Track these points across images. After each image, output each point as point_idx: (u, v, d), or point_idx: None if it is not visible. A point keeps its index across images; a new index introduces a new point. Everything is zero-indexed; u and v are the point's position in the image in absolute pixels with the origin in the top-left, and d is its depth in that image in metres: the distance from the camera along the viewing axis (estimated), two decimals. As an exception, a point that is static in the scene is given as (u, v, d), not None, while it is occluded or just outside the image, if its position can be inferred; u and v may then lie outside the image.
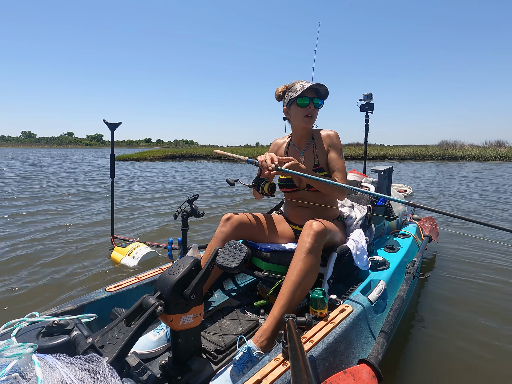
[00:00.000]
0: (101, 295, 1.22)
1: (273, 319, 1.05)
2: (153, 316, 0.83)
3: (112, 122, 2.46)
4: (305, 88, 1.36)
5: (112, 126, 2.47)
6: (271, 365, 0.81)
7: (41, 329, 0.92)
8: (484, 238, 3.12)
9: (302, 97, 1.39)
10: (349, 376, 0.84)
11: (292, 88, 1.44)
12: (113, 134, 2.51)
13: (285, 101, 1.49)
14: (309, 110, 1.40)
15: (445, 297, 1.99)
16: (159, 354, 1.17)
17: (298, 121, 1.45)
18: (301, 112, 1.41)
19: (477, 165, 14.73)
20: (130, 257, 2.53)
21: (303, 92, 1.37)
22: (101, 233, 3.55)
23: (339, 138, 1.49)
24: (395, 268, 1.51)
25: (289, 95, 1.44)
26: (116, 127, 2.49)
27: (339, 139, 1.49)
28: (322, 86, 1.38)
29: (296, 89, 1.40)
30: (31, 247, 3.05)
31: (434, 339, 1.57)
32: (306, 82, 1.41)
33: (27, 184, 8.05)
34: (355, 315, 1.07)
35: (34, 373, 0.63)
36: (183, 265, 0.92)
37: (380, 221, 2.00)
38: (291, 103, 1.43)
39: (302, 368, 0.62)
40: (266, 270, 1.42)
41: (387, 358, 1.35)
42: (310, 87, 1.37)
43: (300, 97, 1.39)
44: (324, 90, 1.40)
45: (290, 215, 1.58)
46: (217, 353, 1.14)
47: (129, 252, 2.56)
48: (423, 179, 9.19)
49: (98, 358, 0.68)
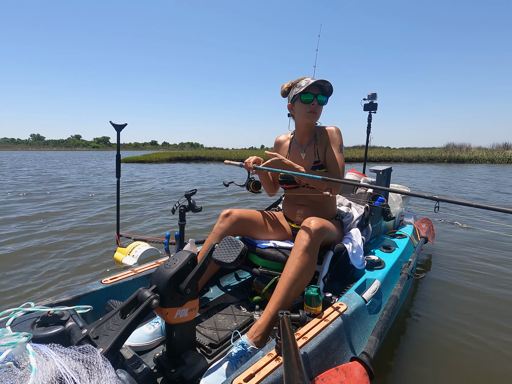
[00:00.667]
0: (97, 287, 1.23)
1: (268, 315, 1.06)
2: (148, 309, 0.84)
3: (118, 123, 2.52)
4: (309, 84, 1.35)
5: (118, 127, 2.53)
6: (264, 360, 0.82)
7: (36, 319, 0.92)
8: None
9: (306, 93, 1.38)
10: (341, 373, 0.85)
11: (297, 84, 1.43)
12: (119, 135, 2.59)
13: (289, 97, 1.48)
14: (312, 107, 1.40)
15: (439, 298, 2.01)
16: (153, 347, 1.18)
17: (301, 117, 1.44)
18: (304, 108, 1.41)
19: (486, 168, 14.53)
20: (130, 256, 2.59)
21: (307, 88, 1.36)
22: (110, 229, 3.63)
23: (340, 134, 1.48)
24: (391, 268, 1.52)
25: (293, 91, 1.43)
26: (122, 128, 2.56)
27: (340, 134, 1.48)
28: (327, 82, 1.37)
29: (300, 85, 1.39)
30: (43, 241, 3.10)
31: (427, 338, 1.59)
32: (311, 79, 1.40)
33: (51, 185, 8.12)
34: (349, 313, 1.08)
35: (28, 362, 0.63)
36: (179, 259, 0.92)
37: (377, 221, 2.01)
38: (295, 99, 1.43)
39: (294, 364, 0.63)
40: (262, 266, 1.42)
41: (379, 356, 1.36)
42: (315, 83, 1.37)
43: (304, 93, 1.38)
44: (329, 86, 1.39)
45: (288, 212, 1.58)
46: (211, 347, 1.14)
47: (129, 252, 2.62)
48: (430, 181, 9.13)
49: (92, 349, 0.68)
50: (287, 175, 1.53)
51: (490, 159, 18.43)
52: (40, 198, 5.72)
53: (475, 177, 10.07)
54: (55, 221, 3.99)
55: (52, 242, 3.11)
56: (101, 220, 4.14)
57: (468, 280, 2.26)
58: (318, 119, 1.49)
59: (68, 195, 6.15)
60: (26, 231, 3.49)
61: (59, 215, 4.34)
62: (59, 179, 9.40)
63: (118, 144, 2.61)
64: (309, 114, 1.41)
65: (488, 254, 2.82)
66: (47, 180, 9.05)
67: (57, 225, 3.77)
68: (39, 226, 3.72)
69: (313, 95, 1.38)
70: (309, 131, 1.51)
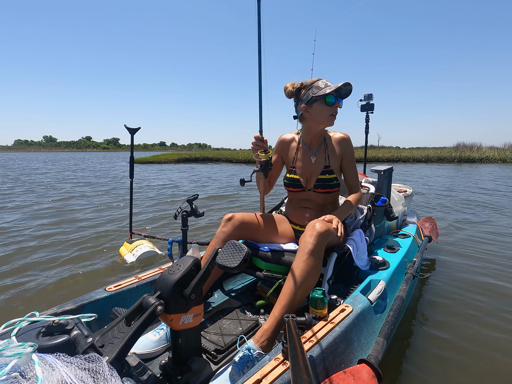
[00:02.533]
0: (101, 295, 1.22)
1: (274, 320, 1.05)
2: (153, 316, 0.83)
3: (132, 127, 2.59)
4: (338, 87, 1.34)
5: (132, 130, 2.60)
6: (271, 365, 0.81)
7: (41, 329, 0.92)
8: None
9: (330, 96, 1.36)
10: (349, 376, 0.84)
11: (313, 85, 1.39)
12: (133, 138, 2.66)
13: (302, 98, 1.43)
14: (335, 109, 1.40)
15: (445, 297, 1.99)
16: (159, 354, 1.17)
17: (322, 119, 1.41)
18: (327, 111, 1.39)
19: (497, 168, 14.27)
20: (131, 254, 2.65)
21: (332, 90, 1.35)
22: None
23: (351, 142, 1.50)
24: (395, 268, 1.51)
25: (310, 92, 1.39)
26: (135, 132, 2.63)
27: (351, 143, 1.50)
28: (349, 85, 1.37)
29: (319, 87, 1.37)
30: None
31: (434, 339, 1.57)
32: (326, 81, 1.40)
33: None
34: (355, 315, 1.07)
35: (34, 372, 0.63)
36: (183, 264, 0.92)
37: (380, 221, 2.00)
38: (315, 100, 1.38)
39: (302, 368, 0.62)
40: (266, 270, 1.42)
41: (387, 358, 1.35)
42: (342, 86, 1.36)
43: (328, 95, 1.36)
44: (348, 90, 1.39)
45: (292, 215, 1.57)
46: (217, 353, 1.13)
47: (132, 249, 2.68)
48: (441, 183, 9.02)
49: (98, 357, 0.68)
50: (294, 178, 1.51)
51: (502, 158, 17.87)
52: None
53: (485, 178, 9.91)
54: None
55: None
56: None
57: (474, 278, 2.25)
58: None
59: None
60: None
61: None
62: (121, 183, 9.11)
63: (132, 147, 2.71)
64: (331, 117, 1.40)
65: (494, 250, 2.80)
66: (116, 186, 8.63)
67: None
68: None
69: (335, 97, 1.37)
70: (319, 134, 1.50)
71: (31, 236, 3.49)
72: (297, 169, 1.52)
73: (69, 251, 3.00)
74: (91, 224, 4.03)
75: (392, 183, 2.36)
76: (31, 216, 4.51)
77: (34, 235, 3.51)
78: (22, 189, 7.54)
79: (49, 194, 6.76)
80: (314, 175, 1.48)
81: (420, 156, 20.20)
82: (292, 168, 1.54)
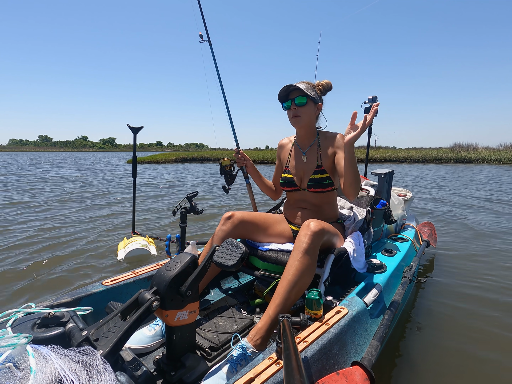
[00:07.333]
0: (98, 289, 1.23)
1: (268, 318, 1.05)
2: (149, 311, 0.84)
3: (134, 126, 2.58)
4: (278, 95, 1.44)
5: (135, 130, 2.59)
6: (264, 364, 0.81)
7: (37, 320, 0.92)
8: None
9: (284, 101, 1.46)
10: (341, 377, 0.84)
11: None
12: (135, 138, 2.67)
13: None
14: (292, 112, 1.44)
15: (441, 302, 1.99)
16: (153, 350, 1.17)
17: (290, 122, 1.50)
18: (289, 115, 1.48)
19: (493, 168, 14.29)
20: (123, 250, 2.62)
21: (279, 98, 1.46)
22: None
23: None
24: (392, 271, 1.51)
25: None
26: (138, 131, 2.62)
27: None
28: (291, 86, 1.40)
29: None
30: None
31: (429, 343, 1.57)
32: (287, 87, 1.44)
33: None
34: (350, 317, 1.07)
35: (28, 363, 0.63)
36: (180, 261, 0.92)
37: (379, 224, 2.00)
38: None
39: (295, 368, 0.62)
40: (263, 269, 1.42)
41: (380, 361, 1.35)
42: (282, 92, 1.43)
43: (281, 101, 1.47)
44: (291, 90, 1.42)
45: (289, 215, 1.58)
46: (211, 350, 1.14)
47: (126, 245, 2.65)
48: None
49: (92, 351, 0.68)
50: (288, 177, 1.53)
51: (498, 159, 18.05)
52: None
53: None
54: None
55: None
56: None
57: (470, 284, 2.24)
58: (319, 120, 1.53)
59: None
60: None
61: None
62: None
63: (135, 147, 2.69)
64: (293, 119, 1.46)
65: (491, 256, 2.80)
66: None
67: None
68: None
69: (290, 100, 1.43)
70: (306, 134, 1.53)
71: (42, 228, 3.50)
72: (291, 168, 1.56)
73: (73, 247, 3.02)
74: (92, 226, 3.96)
75: (392, 187, 2.35)
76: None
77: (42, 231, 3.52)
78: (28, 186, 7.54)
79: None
80: (307, 175, 1.49)
81: (417, 156, 20.32)
82: (286, 168, 1.59)
